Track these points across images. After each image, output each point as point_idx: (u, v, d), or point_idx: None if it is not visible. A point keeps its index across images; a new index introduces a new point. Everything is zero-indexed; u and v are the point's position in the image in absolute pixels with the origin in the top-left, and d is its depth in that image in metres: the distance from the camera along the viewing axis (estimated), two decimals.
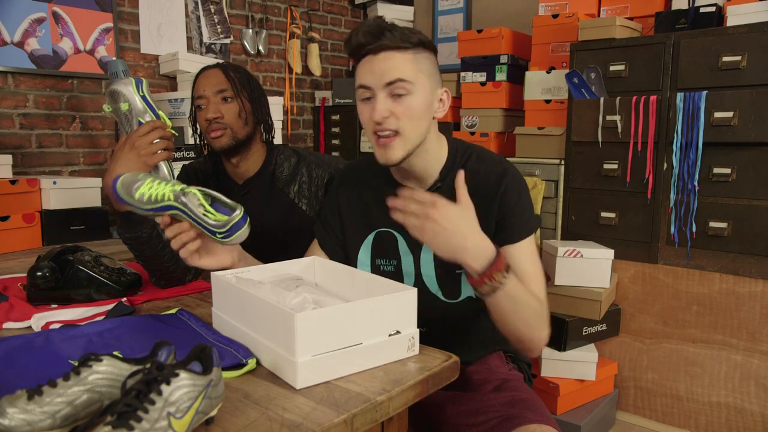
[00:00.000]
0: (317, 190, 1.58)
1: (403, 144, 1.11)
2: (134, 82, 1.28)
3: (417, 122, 1.11)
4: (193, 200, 1.07)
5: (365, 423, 0.80)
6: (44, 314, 1.14)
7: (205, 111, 1.49)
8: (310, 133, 3.58)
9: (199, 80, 1.52)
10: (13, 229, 2.03)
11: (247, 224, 1.08)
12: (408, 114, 1.10)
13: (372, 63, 1.10)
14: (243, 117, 1.50)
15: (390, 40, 1.08)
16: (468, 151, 1.23)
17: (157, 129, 1.26)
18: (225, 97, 1.49)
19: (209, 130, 1.49)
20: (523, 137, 2.62)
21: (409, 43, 1.10)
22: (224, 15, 3.03)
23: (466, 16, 3.47)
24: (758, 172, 1.97)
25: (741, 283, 2.05)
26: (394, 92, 1.09)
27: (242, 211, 1.07)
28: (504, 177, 1.17)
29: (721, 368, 2.11)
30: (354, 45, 1.11)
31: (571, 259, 2.13)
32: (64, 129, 2.46)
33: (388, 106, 1.09)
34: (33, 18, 2.32)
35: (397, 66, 1.08)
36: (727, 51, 2.00)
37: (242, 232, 1.07)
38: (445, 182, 1.20)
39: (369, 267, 1.26)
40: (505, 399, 1.12)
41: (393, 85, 1.09)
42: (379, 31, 1.08)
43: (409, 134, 1.11)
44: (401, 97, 1.09)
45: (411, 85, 1.09)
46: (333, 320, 0.86)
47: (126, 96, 1.26)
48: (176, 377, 0.67)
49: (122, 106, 1.26)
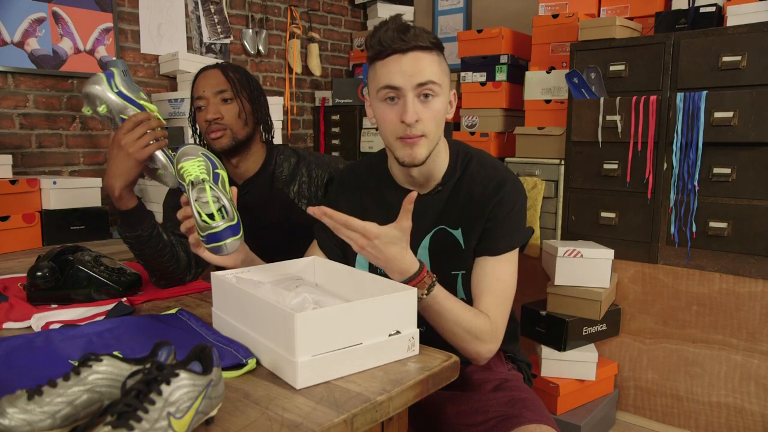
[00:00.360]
0: (317, 190, 1.58)
1: (428, 145, 1.11)
2: (105, 79, 1.20)
3: (440, 124, 1.12)
4: (201, 194, 1.08)
5: (365, 423, 0.80)
6: (44, 314, 1.14)
7: (205, 112, 1.48)
8: (310, 133, 3.58)
9: (199, 81, 1.51)
10: (13, 229, 2.03)
11: (233, 239, 1.05)
12: (433, 116, 1.10)
13: (401, 63, 1.07)
14: (243, 117, 1.50)
15: (420, 40, 1.07)
16: (468, 155, 1.23)
17: (141, 123, 1.20)
18: (224, 98, 1.48)
19: (209, 131, 1.48)
20: (523, 137, 2.62)
21: (435, 44, 1.10)
22: (224, 15, 3.03)
23: (466, 16, 3.47)
24: (758, 172, 1.97)
25: (741, 283, 2.05)
26: (422, 93, 1.08)
27: (227, 225, 1.05)
28: (501, 187, 1.17)
29: (721, 368, 2.11)
30: (383, 43, 1.07)
31: (571, 259, 2.13)
32: (64, 129, 2.46)
33: (417, 108, 1.08)
34: (33, 18, 2.32)
35: (428, 67, 1.08)
36: (727, 51, 2.00)
37: (223, 245, 1.05)
38: (446, 186, 1.20)
39: (367, 268, 1.27)
40: (505, 399, 1.12)
41: (424, 87, 1.07)
42: (407, 29, 1.07)
43: (433, 136, 1.11)
44: (429, 99, 1.09)
45: (439, 87, 1.09)
46: (333, 320, 0.86)
47: (100, 98, 1.19)
48: (176, 377, 0.67)
49: (100, 110, 1.20)
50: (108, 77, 1.20)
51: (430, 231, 1.21)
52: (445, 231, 1.20)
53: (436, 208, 1.21)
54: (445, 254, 1.20)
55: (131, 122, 1.20)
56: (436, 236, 1.20)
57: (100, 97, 1.19)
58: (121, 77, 1.21)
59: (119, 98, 1.20)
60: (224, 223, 1.05)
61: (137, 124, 1.20)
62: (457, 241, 1.19)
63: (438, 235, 1.20)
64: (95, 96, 1.19)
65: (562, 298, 2.17)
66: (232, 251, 1.08)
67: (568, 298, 2.15)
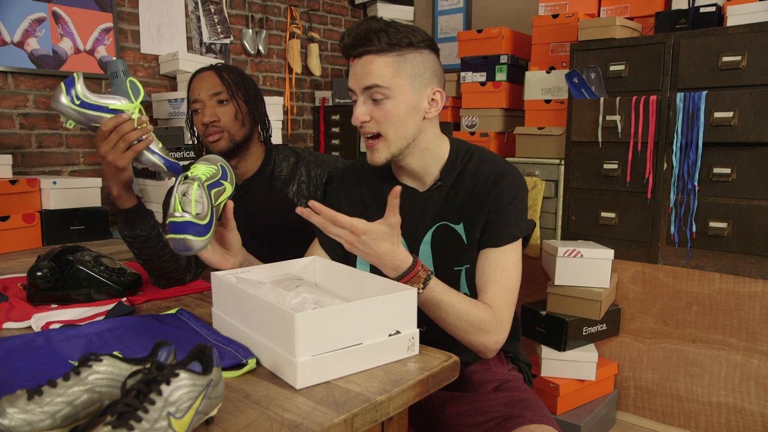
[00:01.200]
0: (316, 189, 1.58)
1: (386, 146, 1.14)
2: (65, 90, 1.10)
3: (398, 125, 1.13)
4: (188, 190, 1.06)
5: (365, 423, 0.80)
6: (44, 314, 1.14)
7: (201, 115, 1.48)
8: (310, 133, 3.58)
9: (194, 83, 1.51)
10: (13, 229, 2.03)
11: (195, 237, 1.02)
12: (386, 118, 1.12)
13: (355, 67, 1.14)
14: (239, 119, 1.50)
15: (372, 44, 1.10)
16: (470, 152, 1.23)
17: (113, 132, 1.13)
18: (220, 100, 1.48)
19: (206, 134, 1.48)
20: (523, 137, 2.62)
21: (394, 46, 1.10)
22: (224, 15, 3.03)
23: (466, 16, 3.47)
24: (758, 172, 1.97)
25: (741, 283, 2.05)
26: (372, 97, 1.12)
27: (191, 220, 1.02)
28: (500, 181, 1.17)
29: (721, 368, 2.11)
30: (341, 47, 1.16)
31: (571, 259, 2.13)
32: (64, 129, 2.46)
33: (369, 109, 1.13)
34: (33, 18, 2.32)
35: (374, 71, 1.10)
36: (727, 51, 2.00)
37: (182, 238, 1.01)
38: (445, 181, 1.20)
39: (368, 265, 1.27)
40: (505, 399, 1.12)
41: (370, 90, 1.11)
42: (365, 34, 1.10)
43: (392, 137, 1.13)
44: (379, 102, 1.12)
45: (388, 90, 1.11)
46: (333, 320, 0.86)
47: (64, 113, 1.11)
48: (176, 377, 0.67)
49: (68, 125, 1.14)
50: (68, 87, 1.10)
51: (432, 227, 1.21)
52: (446, 226, 1.20)
53: (435, 203, 1.21)
54: (448, 250, 1.20)
55: (101, 132, 1.13)
56: (437, 232, 1.21)
57: (63, 112, 1.11)
58: (82, 84, 1.11)
59: (83, 109, 1.11)
60: (190, 217, 1.02)
61: (108, 135, 1.13)
62: (459, 236, 1.19)
63: (439, 230, 1.21)
64: (62, 113, 1.12)
65: (562, 298, 2.17)
66: (196, 250, 1.04)
67: (568, 298, 2.15)
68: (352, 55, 1.14)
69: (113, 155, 1.14)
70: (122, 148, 1.14)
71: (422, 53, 1.13)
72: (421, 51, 1.13)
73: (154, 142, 1.18)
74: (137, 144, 1.15)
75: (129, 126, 1.13)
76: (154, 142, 1.18)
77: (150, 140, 1.17)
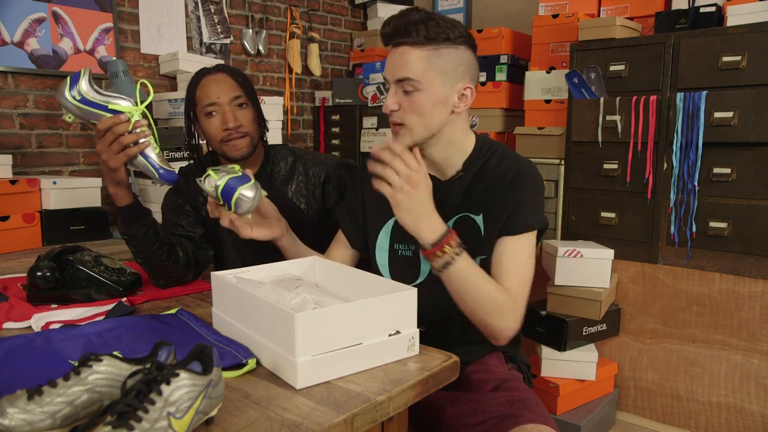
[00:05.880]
0: (314, 188, 1.58)
1: (409, 135, 1.16)
2: (68, 85, 1.11)
3: (424, 117, 1.14)
4: (208, 179, 1.17)
5: (365, 423, 0.80)
6: (44, 314, 1.14)
7: (221, 119, 1.43)
8: (310, 133, 3.58)
9: (207, 86, 1.45)
10: (13, 229, 2.03)
11: (244, 186, 1.15)
12: (413, 109, 1.14)
13: (392, 56, 1.16)
14: (257, 122, 1.50)
15: (410, 36, 1.11)
16: (494, 148, 1.25)
17: (108, 132, 1.13)
18: (240, 104, 1.45)
19: (227, 139, 1.44)
20: (523, 137, 2.62)
21: (431, 39, 1.11)
22: (224, 15, 3.03)
23: (466, 16, 3.47)
24: (758, 172, 1.97)
25: (741, 283, 2.05)
26: (403, 88, 1.14)
27: (230, 176, 1.16)
28: (519, 177, 1.19)
29: (721, 368, 2.11)
30: (381, 34, 1.18)
31: (571, 259, 2.13)
32: (64, 129, 2.46)
33: (399, 99, 1.15)
34: (33, 18, 2.32)
35: (408, 64, 1.12)
36: (727, 51, 2.00)
37: (238, 195, 1.15)
38: (467, 174, 1.22)
39: (387, 251, 1.29)
40: (504, 399, 1.12)
41: (402, 82, 1.13)
42: (405, 25, 1.12)
43: (415, 127, 1.15)
44: (409, 93, 1.14)
45: (418, 83, 1.12)
46: (333, 320, 0.86)
47: (64, 106, 1.12)
48: (176, 377, 0.67)
49: (67, 118, 1.14)
50: (72, 83, 1.11)
51: (453, 217, 1.23)
52: (467, 217, 1.22)
53: (457, 194, 1.23)
54: (466, 240, 1.20)
55: (97, 130, 1.14)
56: (458, 223, 1.22)
57: (64, 106, 1.12)
58: (87, 81, 1.12)
59: (82, 105, 1.11)
60: (227, 176, 1.14)
61: (105, 132, 1.13)
62: (478, 226, 1.21)
63: (460, 221, 1.22)
64: (63, 105, 1.13)
65: (562, 298, 2.17)
66: (256, 202, 1.16)
67: (568, 298, 2.15)
68: (391, 43, 1.16)
69: (106, 155, 1.15)
70: (115, 150, 1.14)
71: (458, 49, 1.14)
72: (457, 46, 1.14)
73: (151, 147, 1.17)
74: (131, 148, 1.14)
75: (123, 128, 1.13)
76: (151, 148, 1.17)
77: (146, 145, 1.16)
